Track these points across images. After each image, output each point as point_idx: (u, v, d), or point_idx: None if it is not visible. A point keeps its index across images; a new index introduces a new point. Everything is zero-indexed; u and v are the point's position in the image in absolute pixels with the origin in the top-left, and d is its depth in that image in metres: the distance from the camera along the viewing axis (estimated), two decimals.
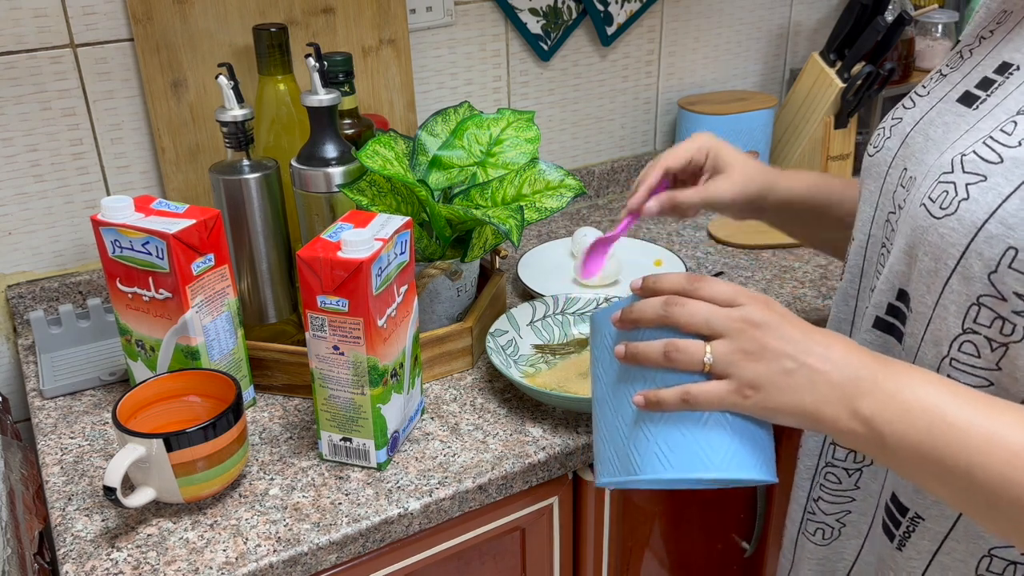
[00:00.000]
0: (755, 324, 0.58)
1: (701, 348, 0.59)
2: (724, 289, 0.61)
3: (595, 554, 1.03)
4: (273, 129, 1.06)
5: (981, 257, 0.55)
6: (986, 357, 0.58)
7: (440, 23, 1.33)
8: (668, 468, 0.61)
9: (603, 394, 0.67)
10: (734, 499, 1.15)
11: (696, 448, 0.60)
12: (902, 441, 0.54)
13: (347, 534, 0.81)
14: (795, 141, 1.58)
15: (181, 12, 1.10)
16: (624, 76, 1.54)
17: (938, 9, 1.66)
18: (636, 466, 0.62)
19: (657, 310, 0.61)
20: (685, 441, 0.61)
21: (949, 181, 0.58)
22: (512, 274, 1.28)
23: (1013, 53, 0.61)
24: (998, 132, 0.57)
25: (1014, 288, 0.54)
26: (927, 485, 0.56)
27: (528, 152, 1.04)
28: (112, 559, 0.78)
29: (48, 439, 0.95)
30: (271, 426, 0.96)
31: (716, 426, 0.61)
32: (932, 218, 0.58)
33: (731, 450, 0.61)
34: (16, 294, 1.15)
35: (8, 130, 1.10)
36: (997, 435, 0.52)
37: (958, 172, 0.58)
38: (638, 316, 0.62)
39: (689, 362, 0.60)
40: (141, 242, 0.87)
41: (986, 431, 0.52)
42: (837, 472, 0.76)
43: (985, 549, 0.63)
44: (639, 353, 0.62)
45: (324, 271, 0.79)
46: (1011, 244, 0.54)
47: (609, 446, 0.65)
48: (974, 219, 0.55)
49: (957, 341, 0.58)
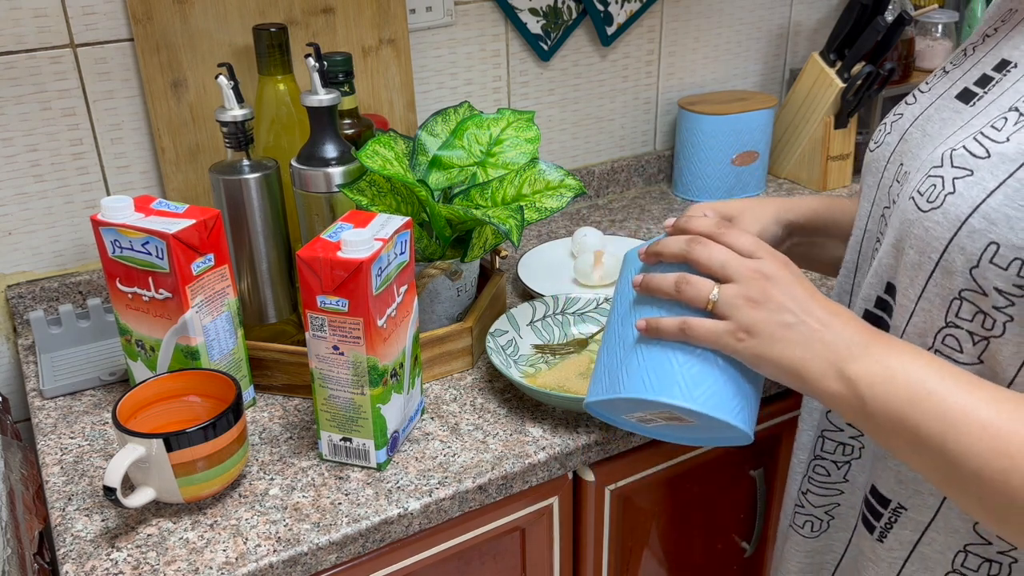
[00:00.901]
0: (767, 276, 0.61)
1: (709, 286, 0.63)
2: (746, 240, 0.64)
3: (595, 554, 1.03)
4: (273, 129, 1.06)
5: (963, 251, 0.56)
6: (968, 351, 0.58)
7: (440, 23, 1.33)
8: (649, 390, 0.64)
9: (612, 322, 0.70)
10: (734, 499, 1.15)
11: (680, 378, 0.63)
12: (882, 407, 0.56)
13: (347, 534, 0.81)
14: (795, 141, 1.58)
15: (181, 12, 1.10)
16: (624, 76, 1.54)
17: (938, 9, 1.66)
18: (621, 384, 0.65)
19: (681, 245, 0.65)
20: (672, 369, 0.63)
21: (937, 175, 0.59)
22: (512, 274, 1.28)
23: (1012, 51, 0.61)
24: (988, 128, 0.57)
25: (995, 283, 0.55)
26: (901, 453, 0.57)
27: (528, 152, 1.04)
28: (112, 559, 0.78)
29: (48, 439, 0.95)
30: (271, 426, 0.96)
31: (705, 362, 0.63)
32: (919, 211, 0.59)
33: (713, 389, 0.63)
34: (16, 294, 1.15)
35: (8, 130, 1.10)
36: (973, 409, 0.53)
37: (947, 166, 0.58)
38: (662, 249, 0.66)
39: (696, 296, 0.63)
40: (141, 242, 0.86)
41: (962, 404, 0.53)
42: (826, 465, 0.76)
43: (961, 545, 0.64)
44: (653, 282, 0.65)
45: (324, 271, 0.79)
46: (993, 239, 0.54)
47: (604, 367, 0.68)
48: (958, 213, 0.56)
49: (941, 334, 0.59)
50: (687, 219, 0.67)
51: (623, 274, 0.71)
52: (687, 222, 0.67)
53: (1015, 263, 0.53)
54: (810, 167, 1.56)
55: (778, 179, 1.62)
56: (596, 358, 0.71)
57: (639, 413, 0.68)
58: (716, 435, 0.69)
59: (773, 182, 1.61)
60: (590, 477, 0.97)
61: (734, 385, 0.64)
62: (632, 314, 0.67)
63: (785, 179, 1.62)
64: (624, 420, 0.71)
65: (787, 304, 0.60)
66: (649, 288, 0.66)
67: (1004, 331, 0.56)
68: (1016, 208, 0.53)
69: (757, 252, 0.63)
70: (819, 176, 1.55)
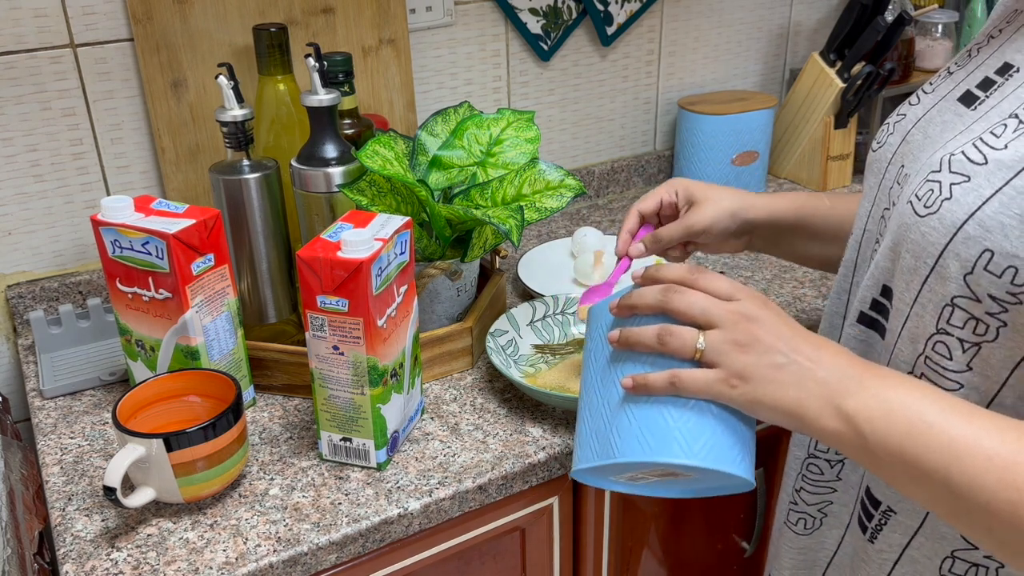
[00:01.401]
0: (750, 318, 0.60)
1: (695, 335, 0.61)
2: (722, 283, 0.62)
3: (595, 554, 1.03)
4: (273, 129, 1.06)
5: (958, 258, 0.55)
6: (957, 359, 0.58)
7: (440, 23, 1.33)
8: (647, 452, 0.61)
9: (591, 381, 0.67)
10: (734, 499, 1.15)
11: (678, 434, 0.61)
12: (883, 442, 0.55)
13: (347, 534, 0.81)
14: (795, 141, 1.58)
15: (181, 12, 1.10)
16: (624, 76, 1.54)
17: (938, 9, 1.66)
18: (615, 448, 0.62)
19: (656, 296, 0.63)
20: (667, 426, 0.61)
21: (935, 180, 0.58)
22: (512, 274, 1.28)
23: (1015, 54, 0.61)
24: (988, 134, 0.57)
25: (988, 290, 0.54)
26: (904, 487, 0.56)
27: (528, 152, 1.04)
28: (112, 559, 0.78)
29: (48, 439, 0.95)
30: (271, 426, 0.96)
31: (700, 414, 0.61)
32: (916, 216, 0.59)
33: (712, 441, 0.61)
34: (16, 294, 1.15)
35: (8, 130, 1.10)
36: (975, 440, 0.52)
37: (945, 171, 0.58)
38: (636, 302, 0.64)
39: (682, 347, 0.61)
40: (141, 242, 0.86)
41: (965, 436, 0.52)
42: (819, 463, 0.77)
43: (948, 551, 0.64)
44: (632, 336, 0.63)
45: (324, 271, 0.79)
46: (987, 246, 0.54)
47: (591, 430, 0.65)
48: (954, 219, 0.56)
49: (932, 340, 0.59)
50: (656, 270, 0.65)
51: (592, 330, 0.68)
52: (657, 272, 0.65)
53: (1009, 271, 0.53)
54: (810, 167, 1.56)
55: (778, 179, 1.62)
56: (577, 421, 0.68)
57: (630, 473, 0.65)
58: (714, 485, 0.67)
59: (773, 182, 1.61)
60: None
61: (732, 433, 0.62)
62: (612, 372, 0.65)
63: (785, 179, 1.62)
64: (613, 482, 0.68)
65: (775, 344, 0.59)
66: (629, 343, 0.63)
67: (997, 336, 0.56)
68: (1011, 216, 0.53)
69: (735, 294, 0.62)
70: (819, 176, 1.55)
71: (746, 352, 0.59)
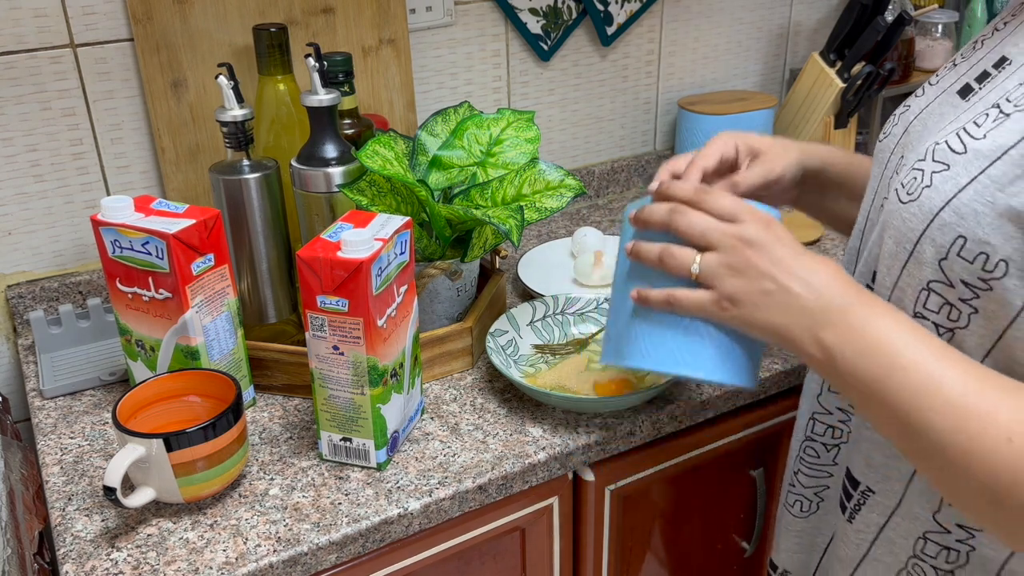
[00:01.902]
0: (747, 242, 0.62)
1: (691, 257, 0.64)
2: (727, 204, 0.64)
3: (595, 554, 1.03)
4: (273, 129, 1.06)
5: (934, 243, 0.57)
6: None
7: (440, 23, 1.33)
8: (648, 362, 0.68)
9: (617, 282, 0.73)
10: (734, 499, 1.15)
11: (675, 349, 0.67)
12: (853, 375, 0.58)
13: (347, 534, 0.81)
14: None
15: (181, 12, 1.10)
16: (624, 76, 1.54)
17: (938, 9, 1.66)
18: (624, 355, 0.70)
19: (662, 215, 0.66)
20: (666, 341, 0.67)
21: (919, 168, 0.60)
22: (512, 274, 1.28)
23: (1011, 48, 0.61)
24: (971, 124, 0.58)
25: (961, 276, 0.56)
26: (872, 419, 0.59)
27: (528, 152, 1.04)
28: (112, 559, 0.78)
29: (48, 439, 0.95)
30: (271, 426, 0.96)
31: (695, 332, 0.66)
32: (899, 203, 0.61)
33: (706, 355, 0.66)
34: (16, 294, 1.15)
35: (8, 130, 1.10)
36: (938, 385, 0.54)
37: (928, 160, 0.59)
38: (646, 217, 0.67)
39: (678, 268, 0.64)
40: (141, 242, 0.86)
41: (930, 379, 0.54)
42: (816, 447, 0.78)
43: (920, 531, 0.65)
44: (640, 252, 0.67)
45: (324, 271, 0.79)
46: (961, 232, 0.55)
47: (613, 330, 0.73)
48: (932, 206, 0.57)
49: None
50: (668, 186, 0.67)
51: (623, 235, 0.74)
52: (669, 187, 0.67)
53: (980, 257, 0.55)
54: None
55: None
56: (607, 316, 0.76)
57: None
58: (711, 381, 0.72)
59: None
60: (590, 477, 0.97)
61: (727, 348, 0.66)
62: (628, 281, 0.70)
63: None
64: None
65: (768, 270, 0.61)
66: (638, 257, 0.67)
67: (969, 323, 0.57)
68: (984, 204, 0.54)
69: (739, 215, 0.63)
70: None
71: (738, 276, 0.62)
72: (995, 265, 0.54)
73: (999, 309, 0.55)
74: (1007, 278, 0.54)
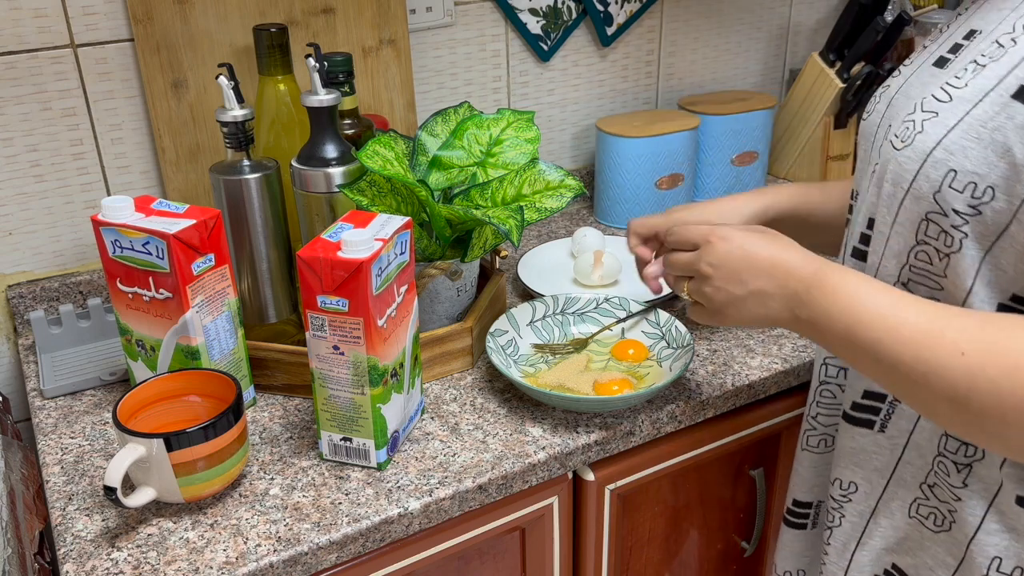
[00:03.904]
0: (711, 264, 0.77)
1: (683, 287, 0.82)
2: (687, 235, 0.81)
3: (595, 554, 1.03)
4: (273, 129, 1.06)
5: (928, 179, 0.65)
6: (936, 265, 0.68)
7: (440, 23, 1.33)
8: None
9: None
10: (734, 499, 1.15)
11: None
12: (827, 336, 0.70)
13: (347, 534, 0.81)
14: (794, 141, 1.58)
15: (181, 12, 1.10)
16: (624, 76, 1.54)
17: (938, 9, 1.66)
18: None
19: (668, 259, 0.85)
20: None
21: (911, 119, 0.68)
22: (512, 274, 1.28)
23: (979, 22, 0.69)
24: (952, 78, 0.67)
25: (953, 205, 0.64)
26: (850, 364, 0.70)
27: (528, 152, 1.04)
28: (112, 559, 0.78)
29: (48, 439, 0.95)
30: (271, 426, 0.96)
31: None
32: (894, 150, 0.69)
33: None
34: (16, 294, 1.15)
35: (8, 130, 1.10)
36: (899, 326, 0.64)
37: (918, 112, 0.68)
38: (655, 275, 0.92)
39: (683, 293, 0.83)
40: (141, 242, 0.87)
41: (889, 324, 0.65)
42: (831, 388, 0.86)
43: (942, 430, 0.72)
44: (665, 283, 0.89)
45: (324, 271, 0.80)
46: (951, 167, 0.64)
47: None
48: (924, 147, 0.66)
49: (914, 251, 0.69)
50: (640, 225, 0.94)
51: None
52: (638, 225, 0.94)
53: (969, 186, 0.63)
54: (810, 167, 1.56)
55: (778, 179, 1.62)
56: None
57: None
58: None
59: (773, 182, 1.61)
60: (590, 477, 0.97)
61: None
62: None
63: (785, 179, 1.62)
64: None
65: (731, 285, 0.76)
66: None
67: (961, 247, 0.65)
68: (971, 140, 0.63)
69: (698, 242, 0.79)
70: (819, 176, 1.55)
71: (717, 292, 0.77)
72: (983, 191, 0.62)
73: (986, 230, 0.63)
74: (994, 201, 0.62)
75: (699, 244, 0.79)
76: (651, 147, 1.39)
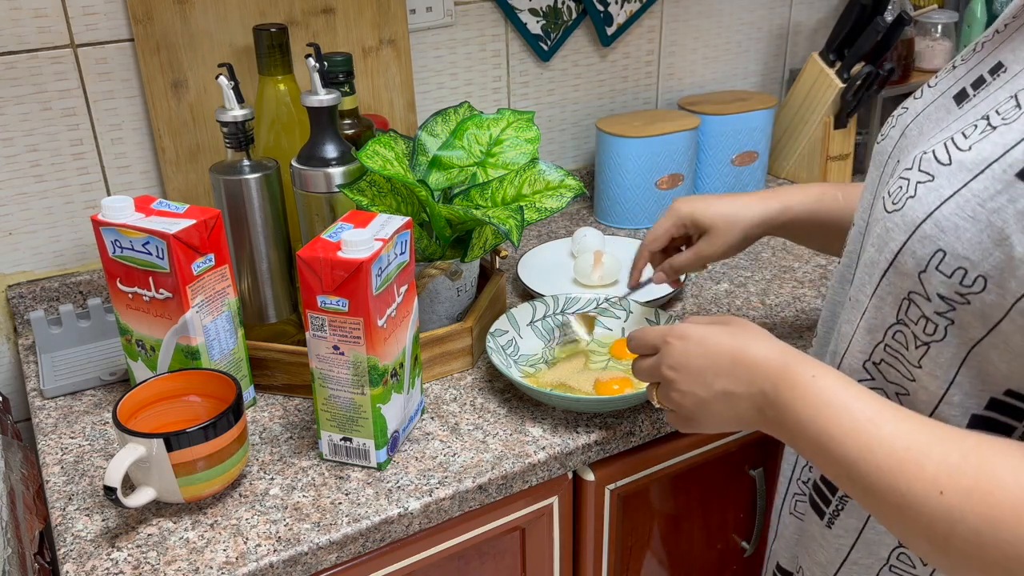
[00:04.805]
0: (671, 368, 0.71)
1: (652, 396, 0.76)
2: (647, 339, 0.75)
3: (595, 554, 1.03)
4: (273, 129, 1.06)
5: (914, 256, 0.58)
6: (911, 352, 0.60)
7: (440, 23, 1.33)
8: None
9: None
10: (734, 499, 1.15)
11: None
12: (798, 441, 0.62)
13: (347, 534, 0.81)
14: (795, 141, 1.58)
15: (181, 12, 1.10)
16: (624, 76, 1.54)
17: (938, 9, 1.66)
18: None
19: (633, 366, 0.79)
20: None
21: (906, 177, 0.60)
22: (512, 274, 1.28)
23: (1008, 54, 0.61)
24: (959, 135, 0.58)
25: (938, 290, 0.56)
26: (829, 478, 0.62)
27: (528, 152, 1.04)
28: (112, 559, 0.78)
29: (48, 439, 0.95)
30: (271, 426, 0.96)
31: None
32: (884, 212, 0.61)
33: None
34: (16, 294, 1.15)
35: (8, 130, 1.10)
36: (872, 448, 0.57)
37: (915, 170, 0.59)
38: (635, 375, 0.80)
39: (654, 401, 0.76)
40: (141, 242, 0.87)
41: (863, 444, 0.57)
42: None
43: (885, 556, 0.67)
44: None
45: (324, 271, 0.80)
46: (940, 246, 0.56)
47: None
48: (914, 217, 0.58)
49: (891, 330, 0.62)
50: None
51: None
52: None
53: (959, 272, 0.55)
54: (810, 167, 1.56)
55: (778, 179, 1.62)
56: None
57: None
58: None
59: (773, 182, 1.61)
60: (590, 477, 0.97)
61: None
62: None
63: (785, 179, 1.62)
64: None
65: (696, 381, 0.69)
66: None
67: (945, 335, 0.57)
68: (965, 218, 0.54)
69: (658, 345, 0.73)
70: (818, 177, 1.55)
71: (683, 396, 0.70)
72: (973, 280, 0.54)
73: (975, 321, 0.56)
74: (985, 293, 0.54)
75: (658, 347, 0.72)
76: (651, 147, 1.39)
